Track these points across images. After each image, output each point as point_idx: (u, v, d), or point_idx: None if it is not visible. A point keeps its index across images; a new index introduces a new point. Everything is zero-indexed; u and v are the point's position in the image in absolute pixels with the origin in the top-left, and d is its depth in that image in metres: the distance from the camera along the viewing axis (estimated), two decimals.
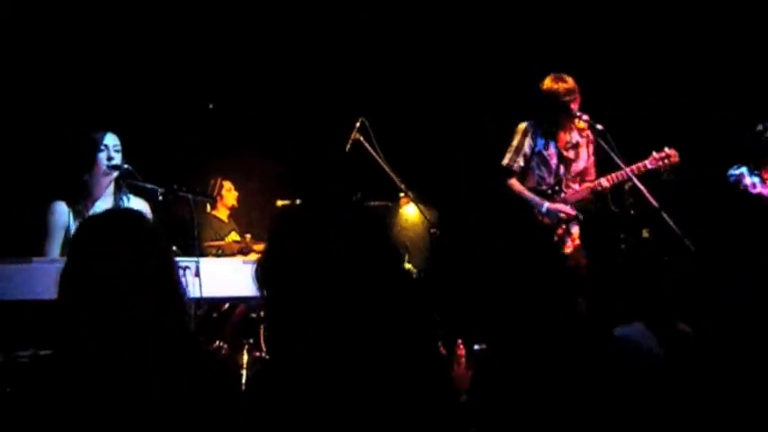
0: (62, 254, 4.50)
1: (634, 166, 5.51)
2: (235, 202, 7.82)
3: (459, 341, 5.78)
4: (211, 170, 7.78)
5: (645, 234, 6.60)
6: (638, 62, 7.42)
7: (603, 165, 5.79)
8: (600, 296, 5.87)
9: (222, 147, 7.93)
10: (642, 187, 5.24)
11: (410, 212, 8.55)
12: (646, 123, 7.02)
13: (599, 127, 5.51)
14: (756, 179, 6.32)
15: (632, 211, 5.56)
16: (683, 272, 3.47)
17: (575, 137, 5.80)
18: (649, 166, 5.53)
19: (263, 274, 1.88)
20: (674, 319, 3.58)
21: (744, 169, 6.33)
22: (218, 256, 6.55)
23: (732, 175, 6.22)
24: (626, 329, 3.46)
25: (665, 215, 4.95)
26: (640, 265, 3.88)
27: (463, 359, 5.81)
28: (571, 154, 5.82)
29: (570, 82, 5.65)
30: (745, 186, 6.23)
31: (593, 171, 5.88)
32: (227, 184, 7.78)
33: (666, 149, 5.61)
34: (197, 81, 7.74)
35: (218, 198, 7.71)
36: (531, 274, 5.35)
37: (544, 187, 5.79)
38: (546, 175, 5.80)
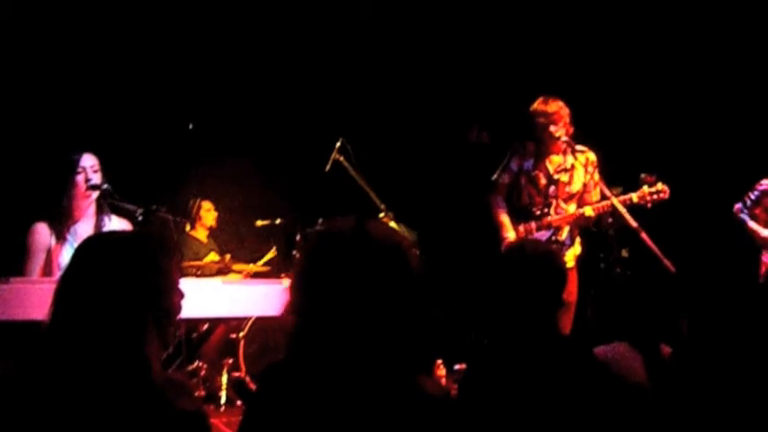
0: (43, 274, 4.51)
1: (621, 198, 5.48)
2: (213, 223, 7.79)
3: (439, 361, 5.77)
4: (190, 190, 7.76)
5: (624, 254, 6.64)
6: (627, 80, 7.53)
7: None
8: (582, 315, 5.90)
9: (202, 166, 7.90)
10: (623, 209, 5.26)
11: None
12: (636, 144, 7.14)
13: (586, 154, 5.63)
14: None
15: (611, 231, 5.57)
16: (662, 292, 3.47)
17: (569, 159, 5.80)
18: (636, 201, 5.50)
19: (302, 292, 1.90)
20: (658, 339, 3.59)
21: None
22: (197, 276, 6.52)
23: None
24: (607, 348, 3.46)
25: (644, 236, 4.96)
26: (621, 285, 3.89)
27: (443, 379, 5.80)
28: (564, 176, 5.82)
29: (553, 106, 5.67)
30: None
31: (593, 193, 5.81)
32: (207, 205, 7.75)
33: (659, 185, 5.58)
34: (177, 100, 7.73)
35: (197, 218, 7.68)
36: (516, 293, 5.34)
37: (534, 207, 5.81)
38: (535, 195, 5.82)
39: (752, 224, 6.42)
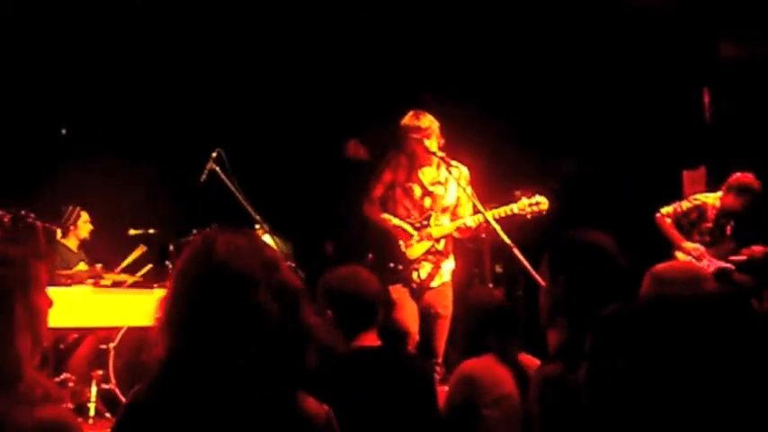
0: None
1: (502, 210, 5.57)
2: (87, 235, 7.58)
3: None
4: (62, 197, 7.57)
5: (498, 269, 6.83)
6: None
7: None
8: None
9: (74, 173, 7.73)
10: (496, 225, 5.24)
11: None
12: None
13: (459, 169, 5.71)
14: None
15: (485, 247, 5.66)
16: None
17: (443, 173, 5.87)
18: (516, 212, 5.58)
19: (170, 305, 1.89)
20: (520, 350, 3.73)
21: None
22: (68, 285, 6.37)
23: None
24: (477, 361, 3.57)
25: (516, 252, 5.04)
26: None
27: None
28: (439, 189, 5.91)
29: (425, 121, 5.76)
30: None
31: (466, 207, 5.88)
32: (85, 216, 7.55)
33: (537, 197, 5.66)
34: (49, 105, 7.56)
35: (72, 228, 7.48)
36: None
37: (411, 219, 5.90)
38: (410, 207, 5.91)
39: (673, 231, 6.56)
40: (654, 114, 7.34)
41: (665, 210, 6.57)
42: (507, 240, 5.06)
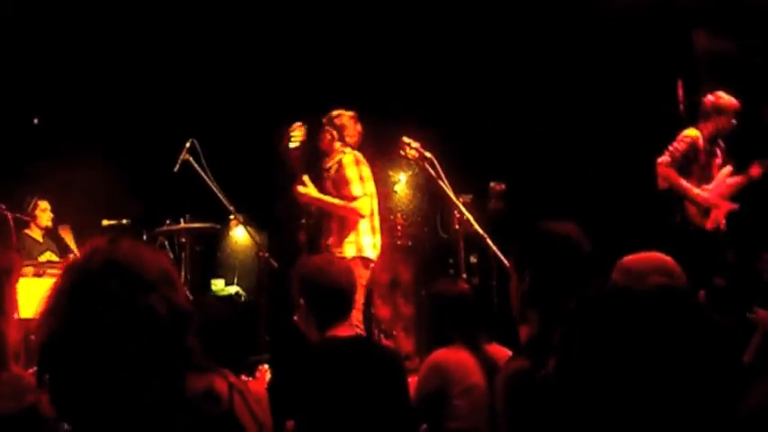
0: None
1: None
2: (49, 223, 7.50)
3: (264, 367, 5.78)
4: (34, 187, 7.53)
5: (472, 260, 6.86)
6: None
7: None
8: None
9: (47, 163, 7.68)
10: (469, 215, 5.31)
11: (239, 235, 8.56)
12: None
13: (427, 155, 5.69)
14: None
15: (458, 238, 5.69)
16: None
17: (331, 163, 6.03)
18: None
19: None
20: (486, 341, 3.77)
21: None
22: (37, 276, 6.33)
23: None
24: (447, 350, 3.60)
25: (489, 242, 5.08)
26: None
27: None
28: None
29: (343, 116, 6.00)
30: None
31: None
32: (43, 204, 7.48)
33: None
34: (20, 96, 7.50)
35: (32, 217, 7.41)
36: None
37: None
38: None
39: (685, 184, 6.25)
40: (628, 106, 7.38)
41: (664, 158, 6.29)
42: (480, 231, 5.11)
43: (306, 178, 5.87)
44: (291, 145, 5.77)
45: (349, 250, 5.82)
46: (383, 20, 7.78)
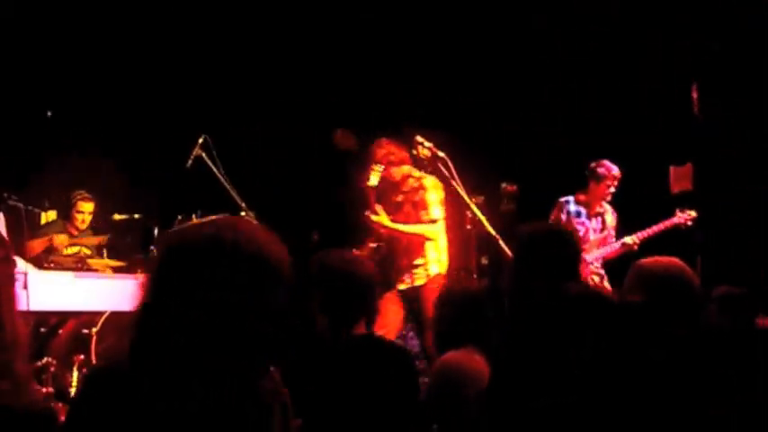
0: None
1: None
2: (83, 227, 7.36)
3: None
4: (49, 180, 7.54)
5: (483, 261, 6.83)
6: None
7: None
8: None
9: (60, 156, 7.70)
10: (482, 216, 5.26)
11: None
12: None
13: (440, 155, 5.66)
14: (582, 209, 6.64)
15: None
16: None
17: None
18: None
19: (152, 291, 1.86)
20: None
21: (571, 198, 6.64)
22: (54, 269, 6.34)
23: (559, 201, 6.52)
24: (458, 353, 3.57)
25: (501, 243, 5.05)
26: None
27: None
28: None
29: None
30: (569, 213, 6.53)
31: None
32: (82, 206, 7.30)
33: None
34: (34, 91, 7.51)
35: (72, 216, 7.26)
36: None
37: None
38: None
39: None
40: (642, 109, 7.34)
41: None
42: (493, 232, 5.08)
43: (379, 208, 5.90)
44: (371, 183, 5.77)
45: (432, 268, 5.92)
46: (400, 19, 7.76)
